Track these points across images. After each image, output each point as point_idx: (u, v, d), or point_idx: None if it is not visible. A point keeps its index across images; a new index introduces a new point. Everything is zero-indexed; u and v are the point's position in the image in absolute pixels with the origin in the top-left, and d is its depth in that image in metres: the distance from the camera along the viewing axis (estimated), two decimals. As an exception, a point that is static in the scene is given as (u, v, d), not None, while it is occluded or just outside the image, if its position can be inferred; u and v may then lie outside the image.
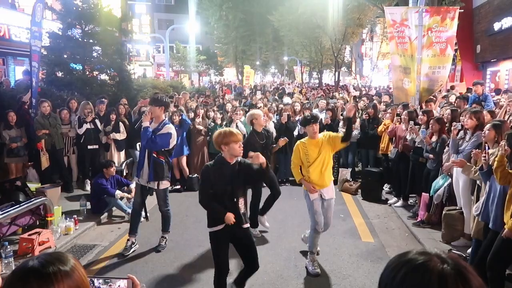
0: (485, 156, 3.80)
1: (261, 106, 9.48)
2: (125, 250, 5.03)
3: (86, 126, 7.54)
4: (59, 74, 9.72)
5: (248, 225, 3.66)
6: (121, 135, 7.76)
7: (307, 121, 4.59)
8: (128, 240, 5.14)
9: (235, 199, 3.52)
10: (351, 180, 7.99)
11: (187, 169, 8.22)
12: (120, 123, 7.81)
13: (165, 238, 5.29)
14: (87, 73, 10.06)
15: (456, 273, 0.93)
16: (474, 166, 4.42)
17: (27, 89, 8.38)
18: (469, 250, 4.61)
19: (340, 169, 8.28)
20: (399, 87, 8.95)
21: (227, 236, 3.55)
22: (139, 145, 6.77)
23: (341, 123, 8.38)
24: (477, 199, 4.47)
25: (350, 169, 8.27)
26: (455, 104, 7.51)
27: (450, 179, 5.40)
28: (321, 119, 8.53)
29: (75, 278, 1.14)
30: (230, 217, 3.43)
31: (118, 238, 5.61)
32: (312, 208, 4.51)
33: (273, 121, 8.58)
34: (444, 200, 5.52)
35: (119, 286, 1.46)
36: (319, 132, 8.62)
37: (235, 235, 3.57)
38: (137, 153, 7.88)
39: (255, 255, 3.66)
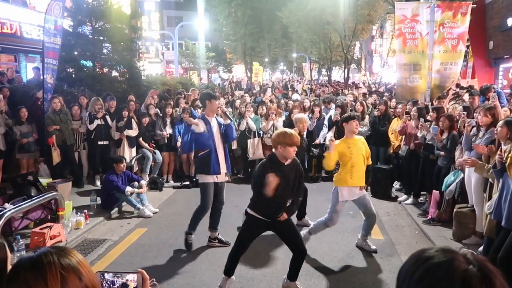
0: (500, 154, 3.74)
1: (272, 102, 9.40)
2: (209, 242, 5.15)
3: (97, 122, 7.60)
4: (70, 70, 9.81)
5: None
6: (134, 132, 7.80)
7: (350, 117, 4.73)
8: (191, 235, 5.11)
9: (285, 198, 3.68)
10: (360, 177, 7.93)
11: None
12: (132, 120, 7.85)
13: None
14: (97, 69, 10.13)
15: (482, 275, 0.88)
16: (486, 165, 4.35)
17: (39, 85, 8.47)
18: (481, 248, 4.55)
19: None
20: (403, 85, 8.90)
21: (265, 226, 3.75)
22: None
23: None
24: (489, 197, 4.42)
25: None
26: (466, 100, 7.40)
27: (462, 175, 5.34)
28: (330, 115, 8.50)
29: (77, 272, 1.13)
30: (284, 216, 3.65)
31: (128, 233, 5.65)
32: (335, 207, 4.68)
33: (284, 118, 8.55)
34: (456, 196, 5.45)
35: (128, 279, 1.46)
36: (329, 128, 8.58)
37: (274, 226, 3.76)
38: (145, 151, 7.96)
39: (298, 239, 3.87)
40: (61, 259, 1.12)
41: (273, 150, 3.69)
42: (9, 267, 1.31)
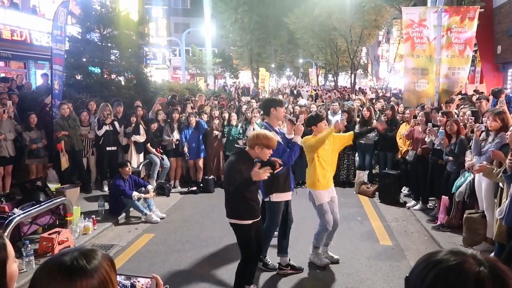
0: (511, 159, 3.69)
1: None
2: (280, 269, 4.53)
3: (105, 128, 7.65)
4: (78, 77, 9.90)
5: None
6: (142, 137, 7.83)
7: (320, 118, 4.72)
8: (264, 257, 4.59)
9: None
10: (368, 182, 7.89)
11: (201, 171, 8.27)
12: (140, 126, 7.88)
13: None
14: (105, 76, 10.22)
15: (494, 277, 0.87)
16: (496, 168, 4.30)
17: (48, 91, 8.56)
18: (492, 255, 4.48)
19: (357, 171, 8.19)
20: (410, 89, 8.88)
21: (253, 227, 3.77)
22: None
23: (357, 126, 8.29)
24: (500, 202, 4.36)
25: (367, 172, 8.17)
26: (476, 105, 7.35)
27: (472, 176, 5.28)
28: (337, 120, 8.46)
29: (100, 276, 1.15)
30: (263, 171, 3.42)
31: (136, 239, 5.65)
32: (323, 209, 4.59)
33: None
34: (466, 198, 5.36)
35: (141, 284, 1.46)
36: (338, 133, 8.57)
37: (254, 227, 3.79)
38: (153, 156, 7.99)
39: (262, 242, 3.99)
40: (91, 262, 1.15)
41: (247, 148, 3.70)
42: (13, 268, 1.30)
